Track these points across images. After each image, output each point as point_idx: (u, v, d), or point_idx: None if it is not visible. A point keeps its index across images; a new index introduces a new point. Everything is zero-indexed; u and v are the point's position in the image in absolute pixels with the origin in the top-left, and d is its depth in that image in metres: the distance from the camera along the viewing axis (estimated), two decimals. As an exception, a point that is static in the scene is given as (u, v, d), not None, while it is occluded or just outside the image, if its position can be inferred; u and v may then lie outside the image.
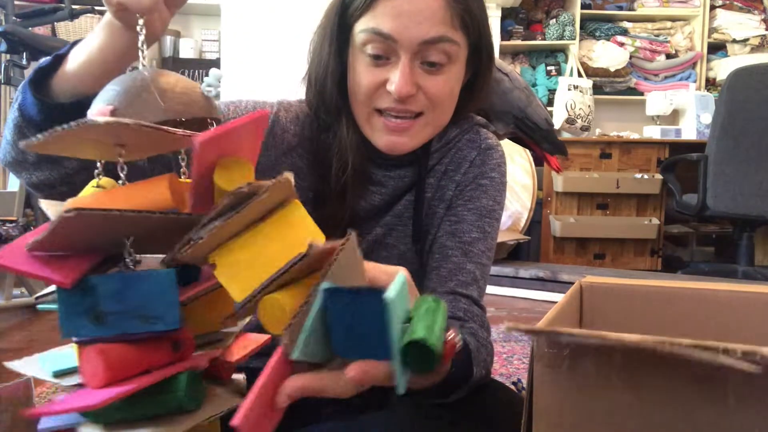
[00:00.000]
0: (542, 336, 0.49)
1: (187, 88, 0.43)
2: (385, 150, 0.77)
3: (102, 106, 0.41)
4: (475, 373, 0.70)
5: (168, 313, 0.39)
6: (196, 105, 0.43)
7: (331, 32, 0.77)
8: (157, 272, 0.40)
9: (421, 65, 0.74)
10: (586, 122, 3.48)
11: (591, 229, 3.29)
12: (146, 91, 0.41)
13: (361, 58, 0.75)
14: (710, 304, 0.73)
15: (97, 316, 0.38)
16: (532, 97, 1.18)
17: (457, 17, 0.73)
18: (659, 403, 0.48)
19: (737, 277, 2.83)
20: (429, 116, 0.77)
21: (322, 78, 0.79)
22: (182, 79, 0.44)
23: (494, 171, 0.85)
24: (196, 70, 3.82)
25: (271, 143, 0.79)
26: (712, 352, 0.42)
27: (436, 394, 0.68)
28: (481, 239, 0.81)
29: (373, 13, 0.72)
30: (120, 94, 0.41)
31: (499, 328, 1.92)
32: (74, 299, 0.38)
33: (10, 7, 2.44)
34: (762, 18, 3.89)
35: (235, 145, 0.40)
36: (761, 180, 2.64)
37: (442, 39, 0.72)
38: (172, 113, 0.42)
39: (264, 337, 0.53)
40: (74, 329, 0.39)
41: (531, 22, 3.96)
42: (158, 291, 0.39)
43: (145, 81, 0.42)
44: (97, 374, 0.37)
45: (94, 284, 0.38)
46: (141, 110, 0.41)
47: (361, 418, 0.70)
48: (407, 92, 0.72)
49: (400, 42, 0.71)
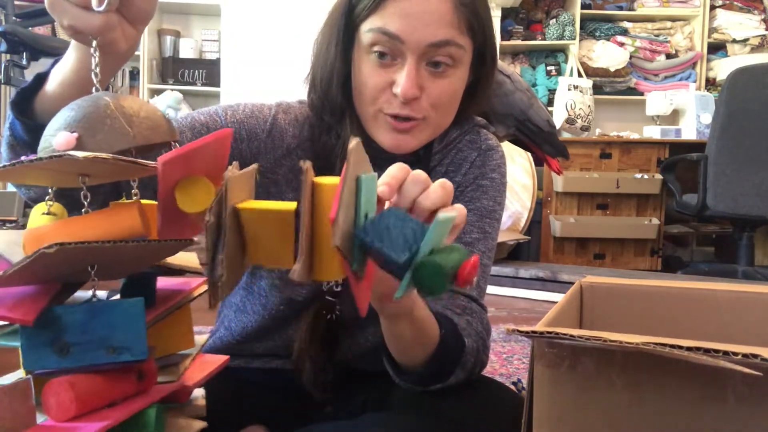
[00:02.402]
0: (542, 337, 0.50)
1: (150, 113, 0.42)
2: (390, 149, 0.77)
3: (66, 134, 0.39)
4: (468, 344, 0.71)
5: (136, 344, 0.39)
6: (161, 129, 0.42)
7: (337, 32, 0.77)
8: (125, 302, 0.39)
9: (427, 67, 0.74)
10: (586, 122, 3.48)
11: (591, 229, 3.29)
12: (110, 118, 0.40)
13: (366, 59, 0.75)
14: (710, 304, 0.73)
15: (62, 348, 0.37)
16: (534, 99, 1.18)
17: (464, 21, 0.73)
18: (659, 403, 0.48)
19: (737, 277, 2.83)
20: (431, 119, 0.77)
21: (327, 79, 0.79)
22: (144, 103, 0.43)
23: (494, 172, 0.85)
24: (196, 70, 3.82)
25: (269, 146, 0.79)
26: (712, 355, 0.42)
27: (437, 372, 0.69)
28: (481, 240, 0.81)
29: (381, 13, 0.72)
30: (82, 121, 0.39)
31: (499, 328, 1.92)
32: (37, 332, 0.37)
33: (10, 7, 2.44)
34: (762, 18, 3.89)
35: (198, 165, 0.39)
36: (761, 180, 2.64)
37: (449, 43, 0.72)
38: (141, 139, 0.40)
39: (222, 359, 0.52)
40: (37, 362, 0.38)
41: (531, 22, 3.96)
42: (125, 321, 0.38)
43: (108, 107, 0.40)
44: (67, 407, 0.36)
45: (58, 315, 0.37)
46: (108, 138, 0.39)
47: (361, 418, 0.70)
48: (413, 94, 0.73)
49: (407, 43, 0.71)
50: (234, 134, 0.78)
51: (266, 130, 0.80)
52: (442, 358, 0.68)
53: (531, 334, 0.50)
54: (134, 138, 0.40)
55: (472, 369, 0.73)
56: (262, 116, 0.80)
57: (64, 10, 0.49)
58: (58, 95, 0.56)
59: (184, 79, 3.82)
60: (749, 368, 0.41)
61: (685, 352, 0.43)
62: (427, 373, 0.69)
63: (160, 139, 0.42)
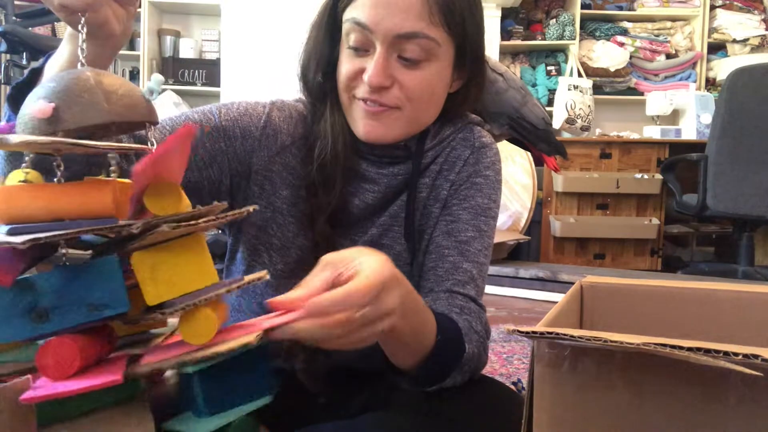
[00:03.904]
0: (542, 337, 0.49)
1: (130, 91, 0.43)
2: (364, 137, 0.78)
3: (43, 103, 0.40)
4: (468, 350, 0.71)
5: (115, 298, 0.40)
6: (138, 108, 0.43)
7: (321, 19, 0.80)
8: (100, 260, 0.40)
9: (398, 59, 0.74)
10: (586, 122, 3.48)
11: (591, 229, 3.29)
12: (89, 92, 0.41)
13: (345, 47, 0.77)
14: (710, 304, 0.73)
15: (40, 315, 0.38)
16: (528, 96, 1.17)
17: (437, 14, 0.72)
18: (659, 403, 0.48)
19: (737, 277, 2.83)
20: (405, 110, 0.77)
21: (306, 61, 0.81)
22: (125, 82, 0.44)
23: (489, 169, 0.85)
24: (196, 70, 3.82)
25: (264, 143, 0.80)
26: (712, 356, 0.42)
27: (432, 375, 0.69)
28: (477, 238, 0.81)
29: (356, 3, 0.74)
30: (61, 93, 0.40)
31: (499, 328, 1.92)
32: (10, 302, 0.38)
33: (10, 7, 2.44)
34: (762, 18, 3.89)
35: (167, 167, 0.41)
36: (761, 180, 2.64)
37: (417, 35, 0.72)
38: (115, 115, 0.41)
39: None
40: (14, 333, 0.38)
41: (531, 22, 3.96)
42: (103, 278, 0.40)
43: (88, 81, 0.41)
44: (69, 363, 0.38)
45: (32, 282, 0.38)
46: (84, 111, 0.40)
47: (361, 418, 0.70)
48: (378, 83, 0.73)
49: (375, 32, 0.72)
50: (228, 132, 0.78)
51: (260, 127, 0.80)
52: (439, 363, 0.68)
53: (531, 334, 0.50)
54: (108, 113, 0.41)
55: (472, 373, 0.73)
56: (256, 114, 0.81)
57: None
58: None
59: (184, 79, 3.82)
60: (750, 368, 0.41)
61: (686, 352, 0.43)
62: (422, 376, 0.69)
63: (137, 118, 0.43)
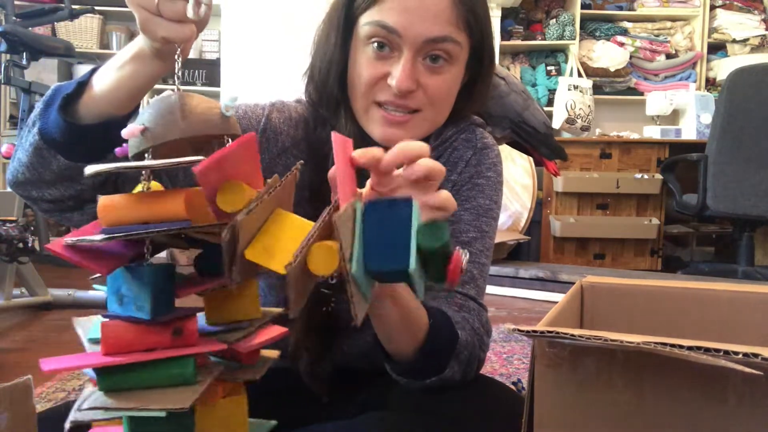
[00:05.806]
0: (543, 336, 0.50)
1: (208, 109, 0.49)
2: (381, 141, 0.78)
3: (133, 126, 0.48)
4: (461, 336, 0.71)
5: (146, 305, 0.46)
6: (211, 123, 0.49)
7: (336, 24, 0.79)
8: (144, 268, 0.47)
9: (423, 62, 0.75)
10: (586, 122, 3.48)
11: (591, 229, 3.29)
12: (171, 113, 0.48)
13: (363, 51, 0.76)
14: (710, 304, 0.73)
15: (120, 299, 0.47)
16: (530, 100, 1.17)
17: (462, 18, 0.74)
18: (659, 403, 0.48)
19: (737, 277, 2.83)
20: (426, 113, 0.78)
21: (325, 70, 0.80)
22: (205, 101, 0.50)
23: (490, 170, 0.85)
24: (196, 70, 3.83)
25: (264, 146, 0.80)
26: (712, 355, 0.42)
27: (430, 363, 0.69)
28: (478, 238, 0.81)
29: (379, 6, 0.73)
30: (152, 115, 0.48)
31: (499, 328, 1.92)
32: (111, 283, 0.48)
33: (10, 7, 2.44)
34: (762, 18, 3.89)
35: (233, 169, 0.45)
36: (761, 180, 2.64)
37: (446, 39, 0.73)
38: (189, 131, 0.47)
39: (281, 330, 0.58)
40: (109, 306, 0.48)
41: (531, 22, 3.96)
42: (143, 284, 0.46)
43: (173, 103, 0.48)
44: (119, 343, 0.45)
45: (119, 273, 0.47)
46: (164, 129, 0.47)
47: (361, 417, 0.70)
48: (407, 87, 0.74)
49: (404, 37, 0.73)
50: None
51: (259, 130, 0.80)
52: (434, 348, 0.68)
53: (531, 333, 0.50)
54: (183, 130, 0.47)
55: (468, 363, 0.72)
56: (255, 116, 0.81)
57: (158, 25, 0.56)
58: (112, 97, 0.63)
59: (184, 78, 3.73)
60: (750, 367, 0.41)
61: (686, 351, 0.43)
62: (420, 365, 0.68)
63: (212, 132, 0.48)
